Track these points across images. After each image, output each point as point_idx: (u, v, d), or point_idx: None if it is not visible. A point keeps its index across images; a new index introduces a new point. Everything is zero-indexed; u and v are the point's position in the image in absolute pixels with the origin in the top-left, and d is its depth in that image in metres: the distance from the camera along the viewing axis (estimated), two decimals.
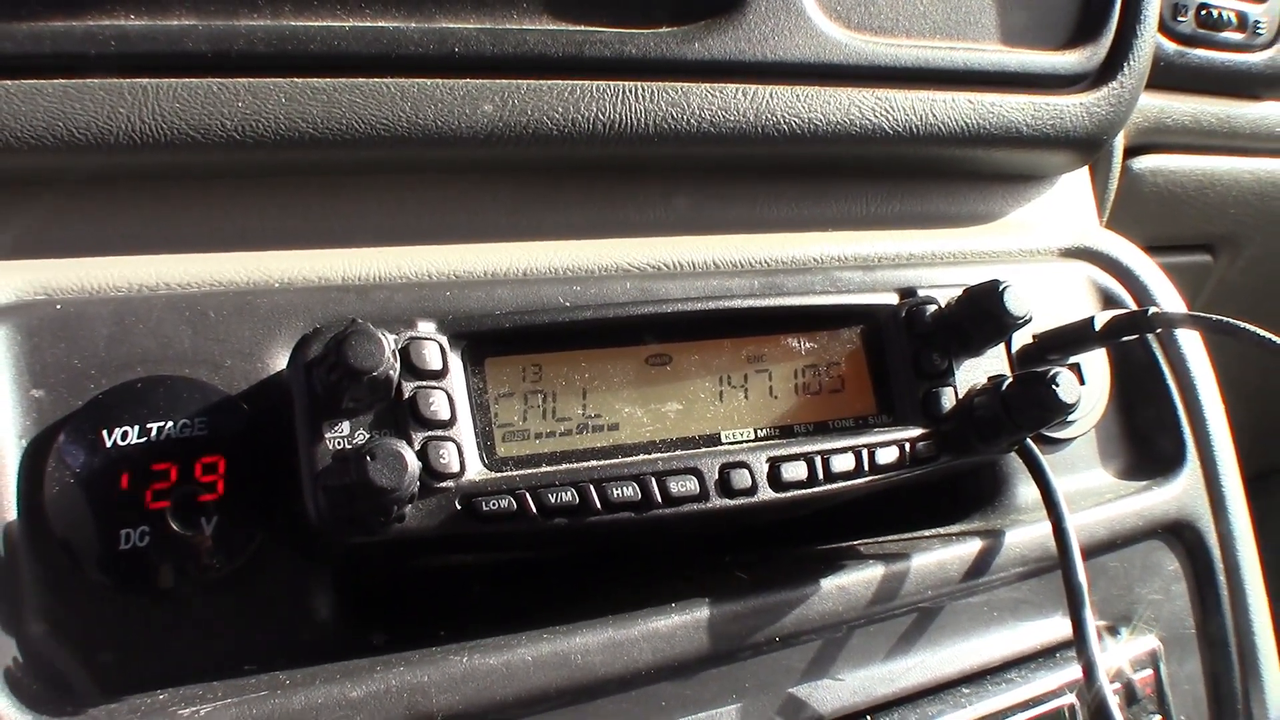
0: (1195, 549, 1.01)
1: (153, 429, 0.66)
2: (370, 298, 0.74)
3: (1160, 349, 1.03)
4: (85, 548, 0.64)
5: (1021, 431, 0.81)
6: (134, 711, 0.61)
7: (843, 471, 0.76)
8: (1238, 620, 1.01)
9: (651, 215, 0.89)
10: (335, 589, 0.71)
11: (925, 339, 0.82)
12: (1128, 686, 0.91)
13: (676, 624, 0.73)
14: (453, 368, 0.69)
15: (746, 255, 0.88)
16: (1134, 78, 1.04)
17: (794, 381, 0.79)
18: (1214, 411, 1.04)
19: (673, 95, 0.84)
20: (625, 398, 0.74)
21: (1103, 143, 1.05)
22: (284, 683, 0.64)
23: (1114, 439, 1.02)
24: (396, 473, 0.61)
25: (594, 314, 0.74)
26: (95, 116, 0.70)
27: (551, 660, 0.69)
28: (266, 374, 0.70)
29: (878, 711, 0.81)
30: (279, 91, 0.74)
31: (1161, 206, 1.38)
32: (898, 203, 1.00)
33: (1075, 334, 0.91)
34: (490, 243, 0.83)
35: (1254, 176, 1.47)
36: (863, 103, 0.91)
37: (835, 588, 0.79)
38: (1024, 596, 0.90)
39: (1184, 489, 1.00)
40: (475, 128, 0.79)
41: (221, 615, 0.67)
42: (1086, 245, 1.05)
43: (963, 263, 0.97)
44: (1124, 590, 0.96)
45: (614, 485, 0.70)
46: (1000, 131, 0.97)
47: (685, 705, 0.74)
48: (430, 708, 0.65)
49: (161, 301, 0.70)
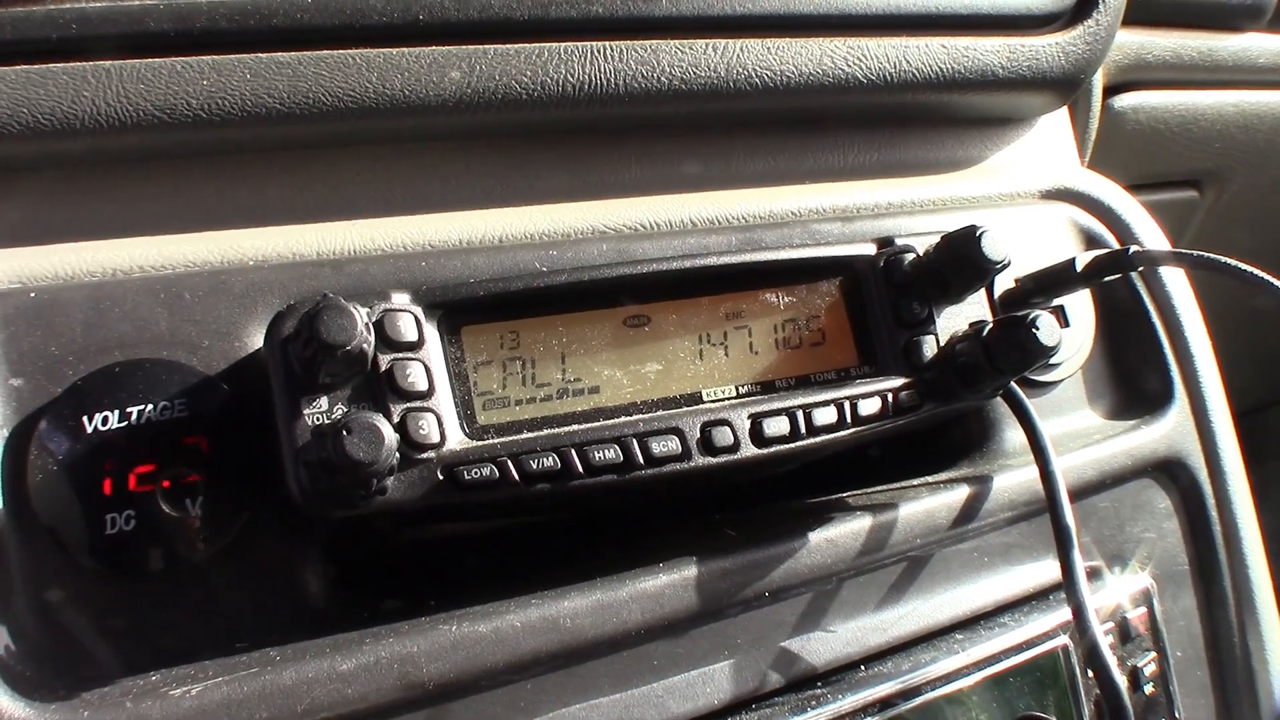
0: (1186, 486, 1.01)
1: (133, 413, 0.66)
2: (345, 271, 0.74)
3: (1145, 287, 1.03)
4: (72, 534, 0.64)
5: (1004, 376, 0.81)
6: (126, 694, 0.61)
7: (825, 425, 0.76)
8: (1231, 555, 1.01)
9: (626, 176, 0.89)
10: (324, 563, 0.71)
11: (904, 288, 0.82)
12: (1121, 625, 0.92)
13: (665, 584, 0.73)
14: (429, 338, 0.69)
15: (724, 212, 0.88)
16: (1109, 15, 1.04)
17: (774, 336, 0.79)
18: (1201, 348, 1.03)
19: (641, 53, 0.83)
20: (605, 360, 0.74)
21: (1080, 82, 1.04)
22: (274, 659, 0.64)
23: (1101, 379, 1.02)
24: (373, 446, 0.61)
25: (569, 278, 0.74)
26: (60, 101, 0.69)
27: (540, 625, 0.69)
28: (244, 353, 0.70)
29: (871, 661, 0.81)
30: (243, 67, 0.73)
31: (1145, 144, 1.38)
32: (875, 152, 1.00)
33: (1057, 276, 0.90)
34: (464, 211, 0.82)
35: (1237, 109, 1.46)
36: (835, 52, 0.90)
37: (824, 540, 0.79)
38: (1014, 541, 0.90)
39: (1173, 426, 1.00)
40: (444, 95, 0.78)
41: (211, 594, 0.68)
42: (1067, 186, 1.05)
43: (943, 209, 0.97)
44: (1115, 530, 0.96)
45: (595, 448, 0.70)
46: (975, 75, 0.97)
47: (677, 663, 0.75)
48: (421, 677, 0.65)
49: (136, 285, 0.70)
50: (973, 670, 0.83)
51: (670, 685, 0.74)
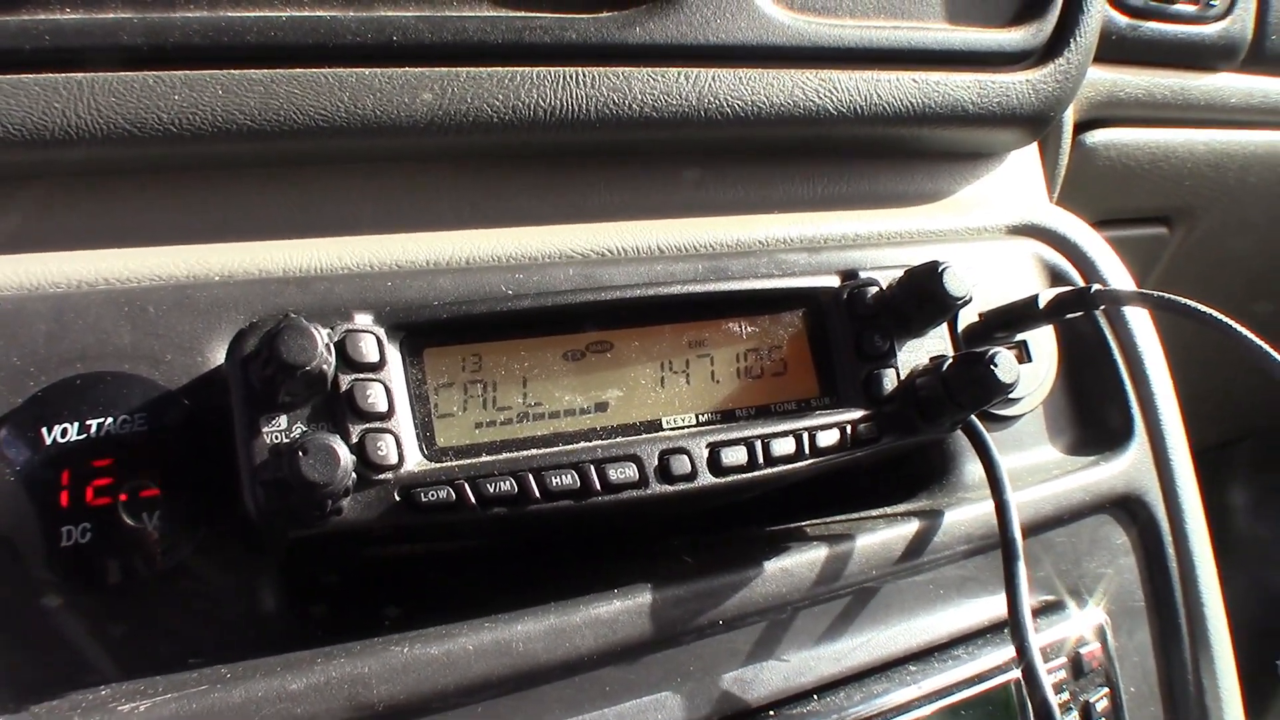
0: (1144, 523, 1.02)
1: (93, 425, 0.66)
2: (310, 289, 0.74)
3: (1108, 324, 1.04)
4: (27, 545, 0.64)
5: (963, 411, 0.81)
6: (75, 708, 0.61)
7: (783, 455, 0.76)
8: (1187, 592, 1.02)
9: (595, 201, 0.89)
10: (279, 581, 0.71)
11: (867, 320, 0.82)
12: (1075, 660, 0.92)
13: (619, 609, 0.73)
14: (390, 359, 0.69)
15: (692, 239, 0.89)
16: (1080, 54, 1.05)
17: (736, 366, 0.79)
18: (1162, 386, 1.04)
19: (614, 80, 0.84)
20: (566, 385, 0.74)
21: (1050, 119, 1.05)
22: (225, 676, 0.64)
23: (1062, 415, 1.03)
24: (329, 467, 0.61)
25: (533, 303, 0.74)
26: (30, 112, 0.69)
27: (492, 649, 0.69)
28: (207, 368, 0.70)
29: (824, 691, 0.81)
30: (215, 84, 0.73)
31: (1115, 180, 1.39)
32: (845, 183, 1.00)
33: (1020, 312, 0.91)
34: (432, 231, 0.83)
35: (1208, 148, 1.47)
36: (806, 84, 0.91)
37: (779, 569, 0.80)
38: (969, 574, 0.90)
39: (1131, 463, 1.01)
40: (415, 117, 0.79)
41: (165, 610, 0.67)
42: (1034, 222, 1.06)
43: (910, 242, 0.97)
44: (1072, 565, 0.97)
45: (553, 474, 0.70)
46: (946, 110, 0.97)
47: (629, 689, 0.75)
48: (371, 698, 0.65)
49: (100, 297, 0.70)
50: (925, 702, 0.83)
51: (622, 711, 0.74)
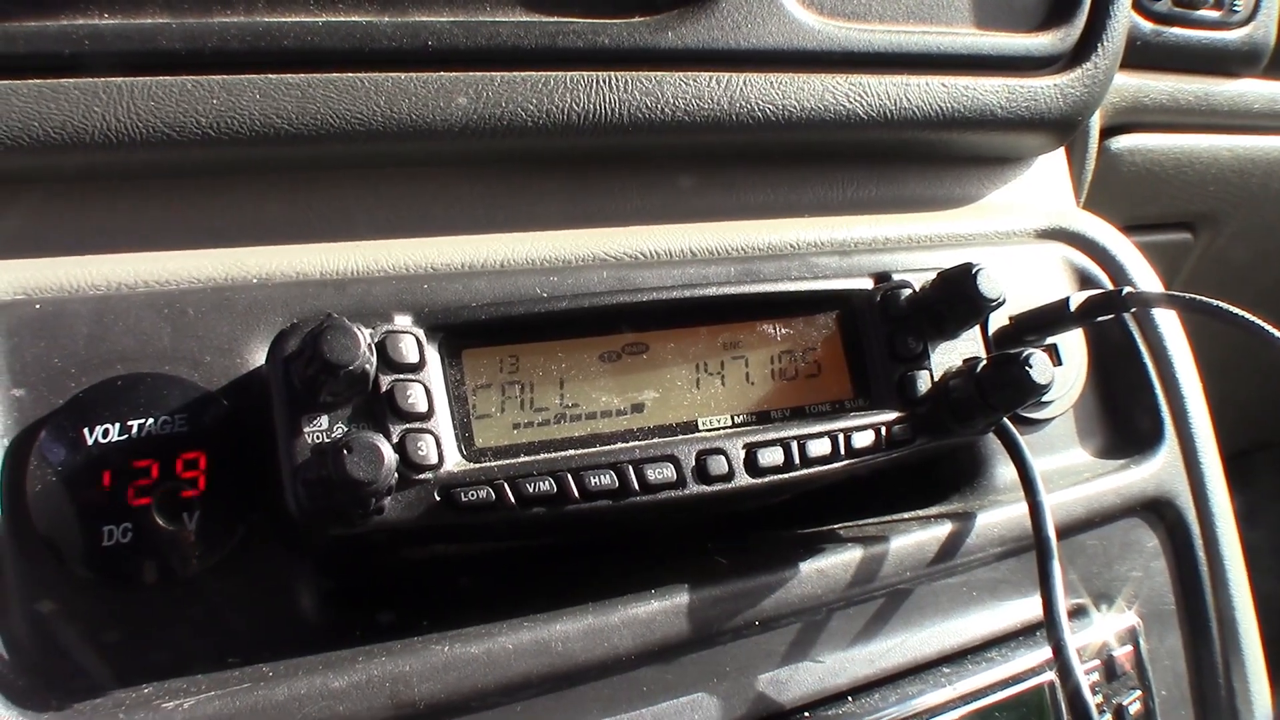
0: (1174, 526, 1.01)
1: (133, 426, 0.67)
2: (348, 291, 0.75)
3: (1137, 328, 1.04)
4: (69, 545, 0.64)
5: (997, 413, 0.81)
6: (119, 706, 0.61)
7: (819, 456, 0.76)
8: (1218, 596, 1.02)
9: (628, 204, 0.90)
10: (318, 580, 0.72)
11: (900, 323, 0.82)
12: (1107, 663, 0.92)
13: (656, 610, 0.74)
14: (430, 360, 0.70)
15: (723, 242, 0.89)
16: (1108, 58, 1.05)
17: (770, 367, 0.79)
18: (1191, 389, 1.04)
19: (647, 84, 0.84)
20: (602, 387, 0.74)
21: (1077, 124, 1.05)
22: (266, 674, 0.64)
23: (1092, 418, 1.03)
24: (373, 465, 0.61)
25: (570, 304, 0.74)
26: (70, 116, 0.70)
27: (532, 648, 0.69)
28: (246, 369, 0.71)
29: (858, 692, 0.81)
30: (253, 88, 0.74)
31: (1140, 186, 1.39)
32: (874, 187, 1.01)
33: (1051, 315, 0.92)
34: (467, 235, 0.83)
35: (1232, 154, 1.47)
36: (837, 88, 0.91)
37: (814, 571, 0.80)
38: (1003, 576, 0.90)
39: (1162, 466, 1.00)
40: (450, 121, 0.79)
41: (206, 609, 0.68)
42: (1062, 226, 1.06)
43: (939, 246, 0.98)
44: (1103, 568, 0.97)
45: (591, 474, 0.70)
46: (974, 115, 0.98)
47: (666, 690, 0.75)
48: (412, 696, 0.66)
49: (140, 299, 0.70)
50: (959, 704, 0.83)
51: (659, 711, 0.74)
